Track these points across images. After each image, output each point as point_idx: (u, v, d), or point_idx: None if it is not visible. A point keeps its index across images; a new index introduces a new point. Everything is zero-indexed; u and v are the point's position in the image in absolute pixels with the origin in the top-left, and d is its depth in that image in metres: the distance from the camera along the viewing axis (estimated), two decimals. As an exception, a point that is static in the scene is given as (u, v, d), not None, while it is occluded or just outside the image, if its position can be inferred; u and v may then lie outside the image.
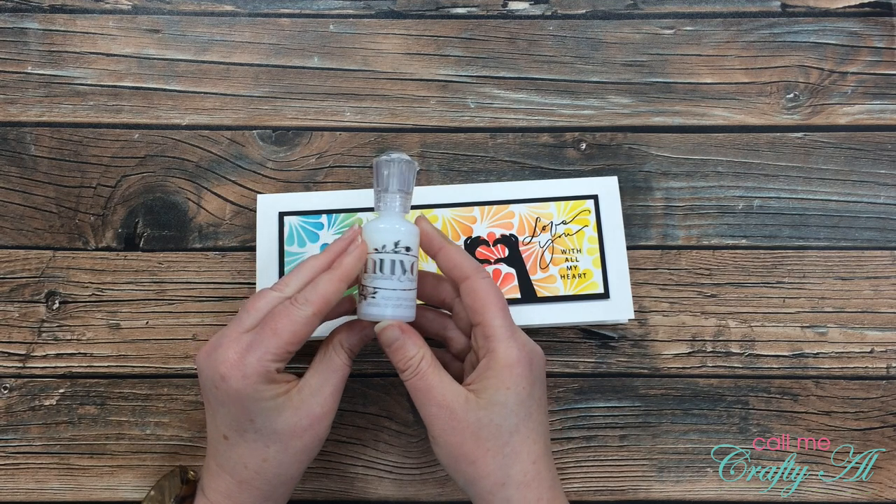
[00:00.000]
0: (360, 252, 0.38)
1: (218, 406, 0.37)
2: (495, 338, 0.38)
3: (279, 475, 0.38)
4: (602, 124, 0.53)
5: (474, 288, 0.39)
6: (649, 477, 0.48)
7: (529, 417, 0.38)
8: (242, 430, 0.37)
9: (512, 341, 0.38)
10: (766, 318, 0.50)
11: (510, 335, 0.38)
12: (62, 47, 0.54)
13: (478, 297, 0.38)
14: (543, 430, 0.39)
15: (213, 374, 0.36)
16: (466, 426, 0.37)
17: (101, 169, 0.52)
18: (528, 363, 0.38)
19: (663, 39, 0.55)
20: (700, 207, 0.52)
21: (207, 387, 0.37)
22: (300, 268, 0.39)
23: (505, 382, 0.37)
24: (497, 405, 0.37)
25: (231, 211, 0.51)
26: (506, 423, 0.37)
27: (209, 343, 0.38)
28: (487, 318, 0.38)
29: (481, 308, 0.38)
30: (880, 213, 0.52)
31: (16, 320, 0.50)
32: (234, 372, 0.36)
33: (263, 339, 0.36)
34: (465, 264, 0.39)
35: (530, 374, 0.38)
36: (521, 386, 0.37)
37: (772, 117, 0.53)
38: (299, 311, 0.36)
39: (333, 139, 0.53)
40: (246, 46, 0.54)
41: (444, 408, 0.37)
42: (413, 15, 0.55)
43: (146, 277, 0.50)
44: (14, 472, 0.48)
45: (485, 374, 0.38)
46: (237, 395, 0.36)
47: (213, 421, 0.38)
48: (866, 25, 0.55)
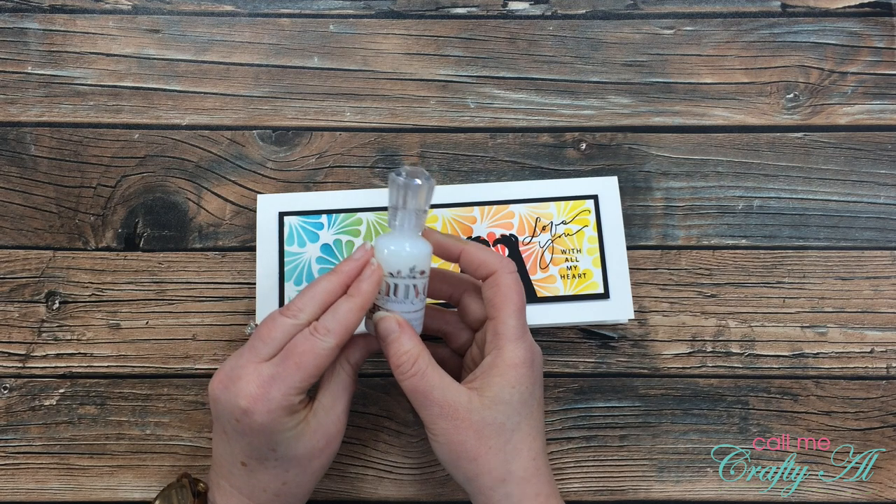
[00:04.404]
0: (377, 278, 0.37)
1: (237, 437, 0.37)
2: (506, 337, 0.38)
3: (296, 494, 0.39)
4: (602, 124, 0.53)
5: (499, 283, 0.39)
6: (649, 477, 0.48)
7: (531, 415, 0.38)
8: (263, 458, 0.37)
9: (521, 342, 0.38)
10: (766, 318, 0.50)
11: (520, 336, 0.38)
12: (62, 47, 0.54)
13: (499, 293, 0.38)
14: (542, 428, 0.40)
15: (232, 408, 0.35)
16: (469, 425, 0.37)
17: (101, 169, 0.52)
18: (531, 363, 0.38)
19: (663, 39, 0.55)
20: (700, 207, 0.52)
21: (225, 418, 0.36)
22: (311, 291, 0.37)
23: (510, 381, 0.37)
24: (502, 403, 0.37)
25: (231, 211, 0.51)
26: (509, 421, 0.37)
27: (223, 373, 0.37)
28: (503, 316, 0.38)
29: (501, 304, 0.38)
30: (880, 213, 0.52)
31: (16, 320, 0.50)
32: (257, 406, 0.35)
33: (287, 373, 0.35)
34: (489, 260, 0.39)
35: (532, 373, 0.38)
36: (525, 385, 0.38)
37: (772, 117, 0.53)
38: (322, 342, 0.35)
39: (333, 139, 0.53)
40: (246, 46, 0.54)
41: (446, 407, 0.37)
42: (413, 15, 0.55)
43: (146, 277, 0.50)
44: (14, 472, 0.48)
45: (490, 372, 0.38)
46: (261, 428, 0.35)
47: (229, 448, 0.38)
48: (866, 25, 0.55)
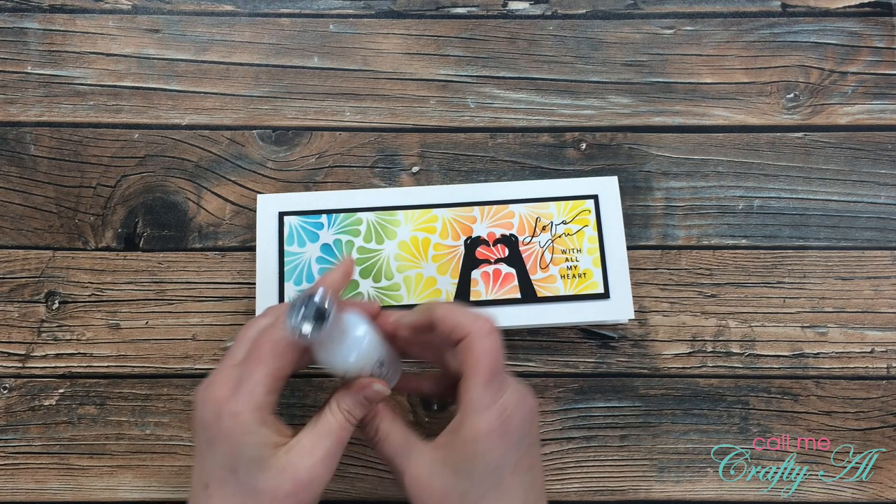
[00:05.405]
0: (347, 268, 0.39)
1: (206, 448, 0.35)
2: (469, 408, 0.35)
3: None
4: (602, 124, 0.53)
5: (469, 348, 0.36)
6: (649, 477, 0.48)
7: (499, 485, 0.36)
8: (223, 480, 0.34)
9: (486, 413, 0.35)
10: (766, 318, 0.50)
11: (487, 405, 0.35)
12: (62, 47, 0.54)
13: (469, 359, 0.36)
14: (521, 490, 0.37)
15: (204, 413, 0.35)
16: (432, 492, 0.36)
17: (100, 169, 0.52)
18: (503, 433, 0.35)
19: (663, 39, 0.55)
20: (700, 207, 0.52)
21: (198, 428, 0.35)
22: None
23: (469, 455, 0.35)
24: (462, 472, 0.35)
25: (231, 211, 0.51)
26: (473, 489, 0.35)
27: (206, 379, 0.36)
28: (468, 385, 0.35)
29: (469, 372, 0.36)
30: (880, 213, 0.52)
31: (15, 320, 0.50)
32: (224, 409, 0.34)
33: (251, 369, 0.34)
34: (461, 323, 0.36)
35: (503, 442, 0.35)
36: (493, 455, 0.35)
37: (772, 117, 0.53)
38: (279, 331, 0.34)
39: (333, 139, 0.53)
40: (246, 46, 0.54)
41: (409, 474, 0.37)
42: (413, 15, 0.55)
43: (146, 277, 0.50)
44: (14, 472, 0.48)
45: (452, 441, 0.36)
46: (228, 434, 0.34)
47: (200, 465, 0.36)
48: (866, 25, 0.55)
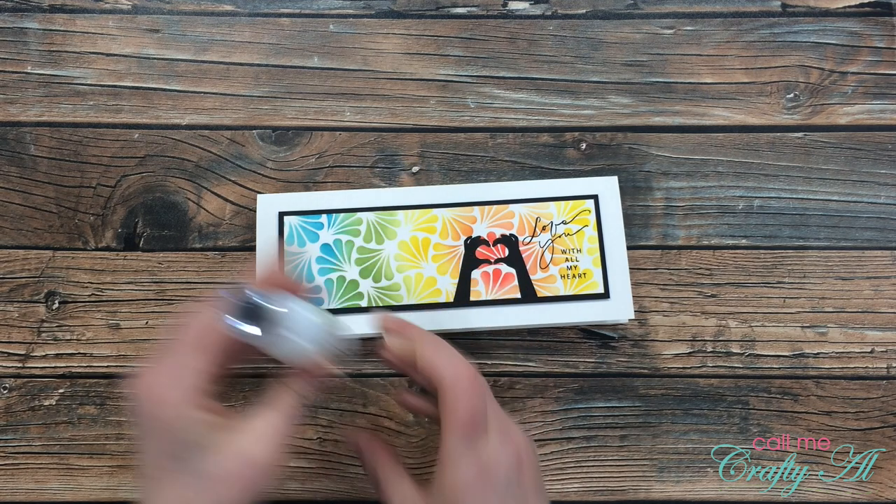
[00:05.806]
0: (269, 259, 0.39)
1: (146, 439, 0.33)
2: (444, 457, 0.34)
3: None
4: (602, 124, 0.53)
5: (444, 396, 0.35)
6: (649, 477, 0.48)
7: None
8: (166, 468, 0.33)
9: (462, 463, 0.34)
10: (766, 318, 0.50)
11: (463, 454, 0.34)
12: (62, 47, 0.54)
13: (445, 407, 0.35)
14: None
15: (139, 405, 0.33)
16: None
17: (100, 169, 0.52)
18: (483, 484, 0.34)
19: (663, 39, 0.55)
20: (700, 207, 0.52)
21: (136, 421, 0.34)
22: None
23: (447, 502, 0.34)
24: None
25: (231, 211, 0.51)
26: None
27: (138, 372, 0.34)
28: (444, 434, 0.34)
29: (445, 420, 0.35)
30: (881, 213, 0.52)
31: (15, 320, 0.50)
32: (155, 395, 0.33)
33: (177, 351, 0.34)
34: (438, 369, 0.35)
35: (484, 493, 0.34)
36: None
37: (772, 117, 0.53)
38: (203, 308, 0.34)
39: (333, 139, 0.53)
40: (246, 46, 0.54)
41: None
42: (413, 15, 0.55)
43: (146, 277, 0.50)
44: (14, 472, 0.48)
45: (433, 489, 0.35)
46: (161, 420, 0.32)
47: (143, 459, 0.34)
48: (866, 25, 0.55)
